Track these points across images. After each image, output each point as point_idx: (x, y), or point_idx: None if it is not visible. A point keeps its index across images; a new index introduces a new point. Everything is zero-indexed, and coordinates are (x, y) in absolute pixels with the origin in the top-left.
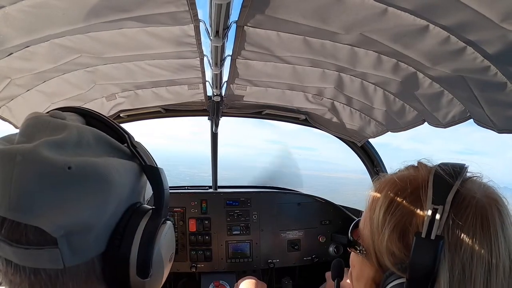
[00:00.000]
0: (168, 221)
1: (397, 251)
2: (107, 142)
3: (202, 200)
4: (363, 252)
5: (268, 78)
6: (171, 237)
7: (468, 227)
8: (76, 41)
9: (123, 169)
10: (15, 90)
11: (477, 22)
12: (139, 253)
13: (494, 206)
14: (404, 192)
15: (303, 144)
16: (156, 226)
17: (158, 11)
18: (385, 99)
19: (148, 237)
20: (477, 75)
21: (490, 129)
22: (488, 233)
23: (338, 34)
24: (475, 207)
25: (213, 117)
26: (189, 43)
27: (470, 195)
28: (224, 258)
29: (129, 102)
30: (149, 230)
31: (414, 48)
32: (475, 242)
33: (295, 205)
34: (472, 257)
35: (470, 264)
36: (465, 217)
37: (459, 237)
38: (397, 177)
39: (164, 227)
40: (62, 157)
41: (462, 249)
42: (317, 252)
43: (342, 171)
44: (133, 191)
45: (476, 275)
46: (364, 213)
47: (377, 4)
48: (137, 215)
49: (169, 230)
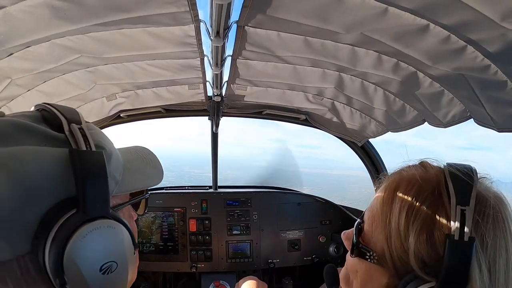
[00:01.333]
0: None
1: (426, 254)
2: (33, 130)
3: (202, 200)
4: (373, 258)
5: (268, 78)
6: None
7: (490, 227)
8: (77, 41)
9: (37, 156)
10: (16, 90)
11: (478, 21)
12: (49, 258)
13: (505, 206)
14: (423, 192)
15: (306, 143)
16: (73, 223)
17: (159, 12)
18: (386, 99)
19: (58, 240)
20: (477, 74)
21: (490, 128)
22: (505, 233)
23: (339, 34)
24: (493, 208)
25: (213, 117)
26: (189, 43)
27: (487, 195)
28: (224, 258)
29: (129, 102)
30: (61, 232)
31: (415, 47)
32: (496, 241)
33: (295, 205)
34: (495, 256)
35: (494, 263)
36: (486, 217)
37: (484, 237)
38: (409, 177)
39: (86, 226)
40: None
41: (488, 249)
42: (317, 252)
43: (347, 168)
44: (60, 181)
45: (499, 273)
46: (372, 216)
47: (378, 4)
48: (60, 211)
49: (98, 231)
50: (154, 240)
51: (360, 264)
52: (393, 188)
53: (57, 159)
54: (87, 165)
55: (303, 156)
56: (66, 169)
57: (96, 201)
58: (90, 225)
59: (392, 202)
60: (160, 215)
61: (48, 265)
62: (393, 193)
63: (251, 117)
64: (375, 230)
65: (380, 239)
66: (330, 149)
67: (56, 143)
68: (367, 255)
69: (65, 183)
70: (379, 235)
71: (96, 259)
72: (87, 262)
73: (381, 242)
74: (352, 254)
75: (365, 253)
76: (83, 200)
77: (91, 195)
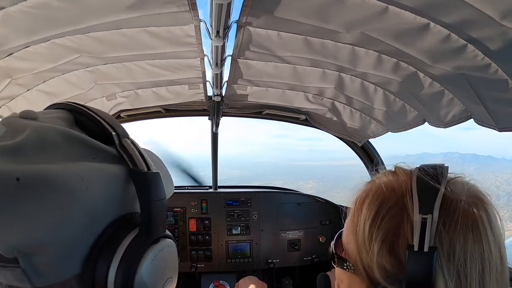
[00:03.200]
0: (166, 238)
1: (389, 265)
2: (83, 142)
3: (202, 200)
4: (350, 268)
5: (268, 78)
6: (168, 260)
7: (458, 233)
8: (76, 41)
9: (97, 175)
10: (16, 89)
11: (478, 20)
12: (116, 279)
13: (481, 206)
14: (388, 202)
15: (307, 135)
16: (142, 246)
17: (159, 11)
18: (386, 99)
19: (129, 259)
20: (477, 73)
21: (491, 127)
22: (479, 236)
23: (339, 33)
24: (463, 212)
25: (213, 117)
26: (189, 43)
27: (456, 199)
28: (224, 258)
29: (129, 102)
30: (132, 251)
31: (415, 46)
32: (467, 247)
33: (295, 205)
34: (466, 262)
35: (465, 269)
36: (455, 223)
37: (451, 244)
38: (377, 187)
39: (154, 247)
40: (12, 166)
41: (456, 256)
42: (317, 252)
43: (352, 158)
44: (119, 201)
45: (471, 279)
46: (347, 226)
47: (378, 3)
48: (121, 231)
49: (163, 251)
50: None
51: (343, 273)
52: (362, 199)
53: (119, 179)
54: (151, 188)
55: (305, 149)
56: (125, 189)
57: (160, 222)
58: (159, 245)
59: (360, 213)
60: None
61: (114, 286)
62: (361, 204)
63: (251, 117)
64: (350, 242)
65: (353, 250)
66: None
67: (107, 158)
68: (344, 265)
69: (123, 203)
70: (351, 246)
71: (162, 278)
72: (155, 281)
73: (354, 254)
74: (334, 264)
75: (342, 263)
76: (148, 221)
77: (155, 217)
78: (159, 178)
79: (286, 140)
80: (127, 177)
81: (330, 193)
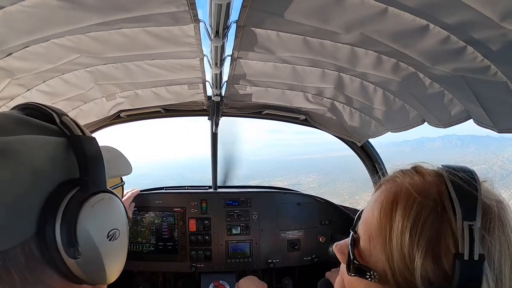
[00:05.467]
0: (106, 193)
1: (432, 274)
2: (29, 122)
3: (202, 200)
4: (375, 277)
5: (268, 78)
6: (109, 211)
7: (495, 238)
8: (76, 41)
9: (41, 142)
10: (15, 90)
11: (477, 21)
12: (61, 232)
13: (506, 209)
14: (426, 207)
15: (304, 129)
16: (80, 200)
17: (158, 11)
18: (385, 99)
19: (68, 213)
20: (477, 74)
21: (490, 128)
22: (509, 239)
23: (338, 34)
24: (497, 218)
25: (213, 117)
26: (189, 43)
27: (489, 205)
28: (224, 258)
29: (129, 102)
30: (70, 206)
31: (414, 47)
32: (503, 251)
33: (295, 205)
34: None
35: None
36: (493, 228)
37: (490, 250)
38: (407, 190)
39: (92, 199)
40: None
41: (495, 262)
42: (317, 252)
43: (349, 148)
44: (63, 166)
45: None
46: (369, 232)
47: (377, 4)
48: (63, 190)
49: (101, 202)
50: (153, 240)
51: (359, 282)
52: (390, 202)
53: (59, 144)
54: (88, 148)
55: (301, 143)
56: (66, 153)
57: (97, 178)
58: (95, 197)
59: (391, 219)
60: (159, 215)
61: (61, 239)
62: (391, 209)
63: (251, 117)
64: (374, 249)
65: (381, 259)
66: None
67: (51, 134)
68: (367, 275)
69: (65, 166)
70: (379, 254)
71: (104, 227)
72: (97, 230)
73: (382, 262)
74: (349, 272)
75: (364, 271)
76: (86, 177)
77: (93, 173)
78: (95, 141)
79: (281, 135)
80: (68, 146)
81: (333, 185)
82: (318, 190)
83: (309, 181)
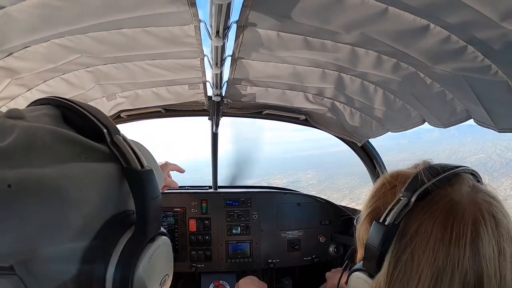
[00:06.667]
0: (162, 236)
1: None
2: (74, 141)
3: (202, 200)
4: None
5: (268, 78)
6: (164, 257)
7: (427, 223)
8: (76, 41)
9: (91, 176)
10: (16, 90)
11: (478, 21)
12: (114, 279)
13: (477, 213)
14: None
15: (301, 126)
16: (139, 245)
17: (159, 11)
18: (385, 99)
19: (126, 260)
20: (477, 74)
21: (490, 128)
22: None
23: (339, 34)
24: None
25: (213, 117)
26: (189, 43)
27: (444, 195)
28: (224, 258)
29: (129, 102)
30: (129, 251)
31: (415, 47)
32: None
33: (295, 205)
34: (424, 253)
35: (420, 259)
36: (429, 213)
37: (416, 229)
38: (392, 174)
39: (150, 247)
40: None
41: (415, 241)
42: (317, 252)
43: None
44: (113, 200)
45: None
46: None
47: (378, 4)
48: (116, 231)
49: (159, 250)
50: None
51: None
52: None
53: (112, 178)
54: (146, 186)
55: (300, 140)
56: (118, 185)
57: (155, 220)
58: (154, 244)
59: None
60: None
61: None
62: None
63: (251, 117)
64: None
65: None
66: None
67: (99, 156)
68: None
69: (117, 201)
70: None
71: (159, 276)
72: (153, 279)
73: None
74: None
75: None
76: (144, 220)
77: (151, 215)
78: (153, 175)
79: (279, 133)
80: (120, 175)
81: (332, 180)
82: (318, 186)
83: (308, 177)
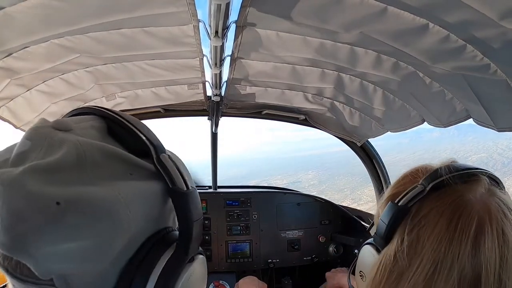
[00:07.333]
0: (199, 255)
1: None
2: (122, 158)
3: (202, 200)
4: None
5: (267, 78)
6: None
7: (436, 212)
8: (76, 41)
9: (138, 196)
10: (15, 90)
11: (477, 20)
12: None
13: (485, 214)
14: (413, 175)
15: (301, 126)
16: (179, 265)
17: (158, 11)
18: (385, 98)
19: (166, 279)
20: (476, 73)
21: (490, 127)
22: (453, 230)
23: (338, 33)
24: (454, 201)
25: (212, 117)
26: (188, 43)
27: (457, 190)
28: (224, 258)
29: (128, 102)
30: (169, 271)
31: (414, 46)
32: (436, 229)
33: (295, 205)
34: (429, 238)
35: (424, 242)
36: (440, 203)
37: (426, 214)
38: (418, 166)
39: (190, 267)
40: (50, 189)
41: (423, 224)
42: (317, 252)
43: None
44: (156, 218)
45: (425, 257)
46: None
47: (377, 3)
48: (157, 249)
49: (197, 269)
50: None
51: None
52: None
53: (157, 197)
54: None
55: (299, 140)
56: (162, 206)
57: (197, 241)
58: (194, 264)
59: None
60: None
61: None
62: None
63: (251, 117)
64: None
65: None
66: None
67: (145, 174)
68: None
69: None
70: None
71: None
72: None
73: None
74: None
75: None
76: (188, 241)
77: (194, 236)
78: (197, 196)
79: (279, 133)
80: (164, 194)
81: (333, 181)
82: (319, 187)
83: (308, 178)
